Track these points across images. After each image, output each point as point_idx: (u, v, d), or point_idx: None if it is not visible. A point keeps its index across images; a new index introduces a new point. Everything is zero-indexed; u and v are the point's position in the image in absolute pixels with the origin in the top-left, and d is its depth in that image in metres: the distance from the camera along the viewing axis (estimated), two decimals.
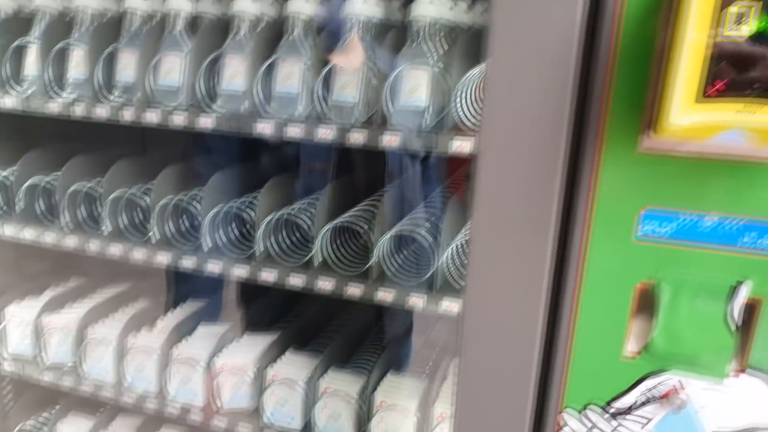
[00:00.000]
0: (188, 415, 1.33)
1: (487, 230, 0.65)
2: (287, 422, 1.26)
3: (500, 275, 0.66)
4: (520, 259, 0.65)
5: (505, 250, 0.65)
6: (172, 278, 1.55)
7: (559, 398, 0.69)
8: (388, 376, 1.25)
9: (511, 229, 0.65)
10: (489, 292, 0.67)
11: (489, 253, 0.66)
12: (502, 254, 0.65)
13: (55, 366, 1.45)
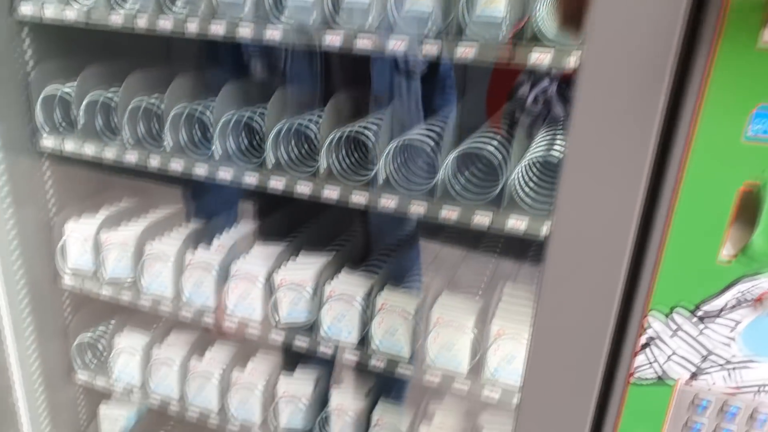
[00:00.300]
0: (246, 329, 1.38)
1: (587, 126, 0.65)
2: (344, 336, 1.30)
3: (597, 172, 0.66)
4: (618, 157, 0.65)
5: (603, 146, 0.64)
6: (225, 200, 1.57)
7: (646, 301, 0.70)
8: (443, 295, 1.27)
9: (611, 125, 0.64)
10: (584, 189, 0.67)
11: (587, 149, 0.65)
12: (600, 151, 0.65)
13: (114, 281, 1.50)
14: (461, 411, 1.40)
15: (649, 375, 0.74)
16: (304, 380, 1.46)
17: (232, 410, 1.49)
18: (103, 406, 1.80)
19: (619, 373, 0.74)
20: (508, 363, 1.17)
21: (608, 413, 0.78)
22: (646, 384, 0.74)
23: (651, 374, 0.73)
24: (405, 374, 1.26)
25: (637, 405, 0.75)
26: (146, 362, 1.57)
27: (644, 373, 0.74)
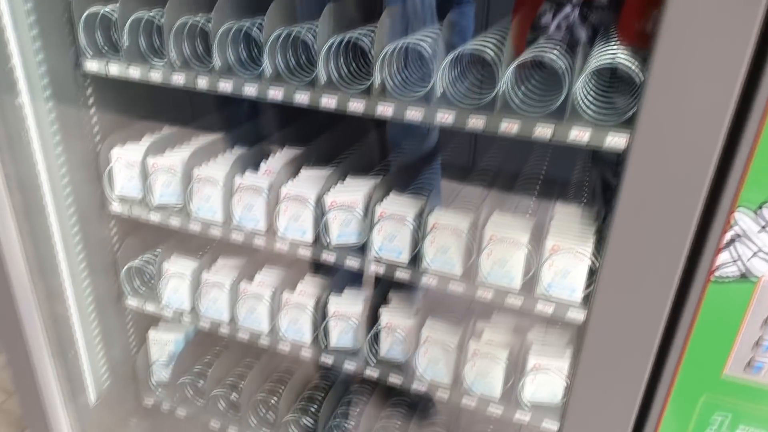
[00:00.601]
0: (297, 249, 1.40)
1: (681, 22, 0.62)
2: (395, 256, 1.32)
3: (691, 64, 0.64)
4: (716, 48, 0.62)
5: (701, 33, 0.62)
6: (269, 125, 1.56)
7: (734, 197, 0.70)
8: (496, 214, 1.27)
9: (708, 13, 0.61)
10: (675, 84, 0.65)
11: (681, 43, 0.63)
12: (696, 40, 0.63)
13: (162, 206, 1.51)
14: (509, 328, 1.43)
15: (731, 272, 0.74)
16: (354, 300, 1.49)
17: (282, 331, 1.54)
18: (152, 331, 1.86)
19: (699, 271, 0.75)
20: (563, 278, 1.18)
21: (684, 313, 0.79)
22: (727, 282, 0.75)
23: (733, 272, 0.74)
24: (456, 291, 1.28)
25: (716, 303, 0.76)
26: (196, 287, 1.61)
27: (726, 271, 0.74)
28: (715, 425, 0.83)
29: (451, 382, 1.41)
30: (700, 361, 0.79)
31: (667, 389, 0.85)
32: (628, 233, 0.77)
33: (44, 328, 1.51)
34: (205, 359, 1.92)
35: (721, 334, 0.77)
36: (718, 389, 0.81)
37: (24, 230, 1.43)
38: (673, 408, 0.85)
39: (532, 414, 1.32)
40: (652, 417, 0.87)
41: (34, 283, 1.47)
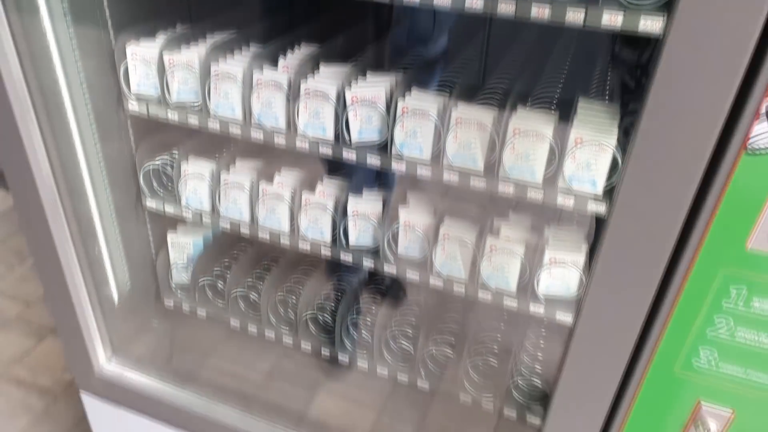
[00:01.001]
0: (317, 147, 1.40)
1: None
2: (417, 154, 1.33)
3: None
4: None
5: None
6: (283, 21, 1.53)
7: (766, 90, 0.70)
8: (519, 109, 1.27)
9: None
10: None
11: None
12: None
13: (180, 105, 1.51)
14: (526, 226, 1.46)
15: (764, 144, 0.75)
16: (373, 200, 1.51)
17: (302, 230, 1.57)
18: (171, 234, 1.90)
19: (734, 140, 0.76)
20: (585, 171, 1.20)
21: (713, 188, 0.81)
22: (759, 153, 0.76)
23: (767, 143, 0.75)
24: (478, 186, 1.30)
25: (747, 175, 0.78)
26: (215, 187, 1.63)
27: (760, 142, 0.75)
28: (732, 298, 0.87)
29: (467, 278, 1.45)
30: (724, 235, 0.82)
31: (686, 267, 0.88)
32: (661, 115, 0.78)
33: (68, 225, 1.54)
34: (223, 262, 1.97)
35: (748, 206, 0.79)
36: (740, 262, 0.84)
37: (46, 132, 1.43)
38: (693, 284, 0.88)
39: (546, 306, 1.38)
40: (671, 293, 0.91)
41: (58, 183, 1.49)
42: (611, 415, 1.06)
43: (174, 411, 1.77)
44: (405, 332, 1.76)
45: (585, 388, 1.04)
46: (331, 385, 2.15)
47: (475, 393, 1.65)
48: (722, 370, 0.92)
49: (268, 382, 2.16)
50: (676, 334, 0.93)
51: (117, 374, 1.83)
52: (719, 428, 0.97)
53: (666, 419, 1.02)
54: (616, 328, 0.96)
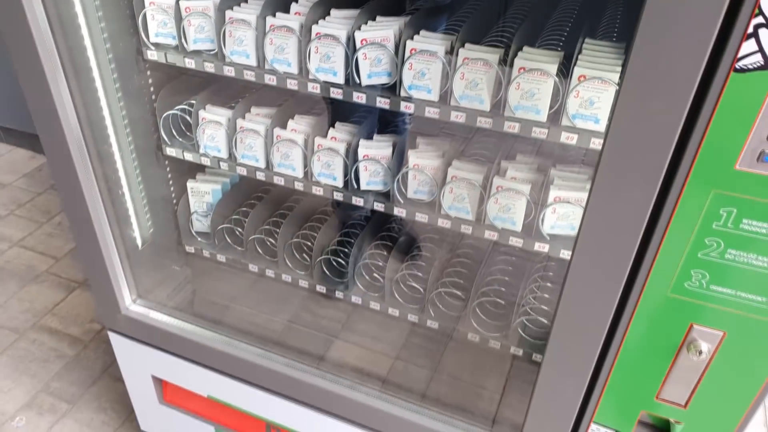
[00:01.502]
0: (329, 90, 1.44)
1: None
2: (425, 94, 1.36)
3: None
4: None
5: None
6: None
7: None
8: (524, 49, 1.29)
9: None
10: None
11: None
12: None
13: (196, 52, 1.55)
14: (532, 167, 1.50)
15: (753, 62, 0.78)
16: (383, 144, 1.56)
17: (315, 174, 1.62)
18: (190, 182, 1.97)
19: (723, 59, 0.78)
20: (588, 108, 1.22)
21: (706, 102, 0.83)
22: (749, 71, 0.78)
23: (756, 61, 0.78)
24: (484, 127, 1.34)
25: (736, 94, 0.80)
26: (232, 134, 1.68)
27: (749, 61, 0.78)
28: (722, 219, 0.90)
29: (474, 218, 1.50)
30: (714, 156, 0.85)
31: (678, 191, 0.91)
32: (652, 39, 0.80)
33: (95, 173, 1.61)
34: (241, 209, 2.05)
35: (737, 127, 0.82)
36: (729, 184, 0.87)
37: (72, 83, 1.48)
38: (684, 207, 0.92)
39: (551, 245, 1.42)
40: (663, 218, 0.94)
41: (84, 132, 1.55)
42: (607, 342, 1.11)
43: (195, 347, 1.87)
44: (415, 275, 1.82)
45: (582, 316, 1.09)
46: (350, 329, 2.24)
47: (483, 332, 1.71)
48: (713, 292, 0.97)
49: (288, 326, 2.26)
50: (669, 258, 0.97)
51: (142, 314, 1.93)
52: (711, 349, 1.01)
53: (660, 343, 1.07)
54: (611, 254, 1.00)
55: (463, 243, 2.02)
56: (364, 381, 1.72)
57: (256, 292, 2.29)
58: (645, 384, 1.12)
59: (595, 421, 1.23)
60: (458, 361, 2.16)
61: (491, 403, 2.03)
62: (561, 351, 1.17)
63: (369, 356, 2.19)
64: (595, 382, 1.17)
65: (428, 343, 2.24)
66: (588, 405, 1.22)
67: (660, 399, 1.12)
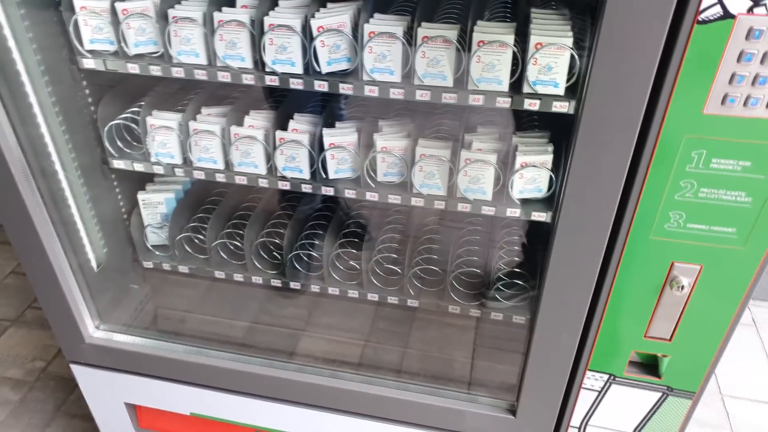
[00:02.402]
0: (288, 82, 1.42)
1: None
2: (388, 76, 1.37)
3: None
4: None
5: None
6: None
7: None
8: (479, 22, 1.33)
9: None
10: None
11: None
12: None
13: (139, 57, 1.48)
14: (494, 137, 1.54)
15: (714, 13, 0.85)
16: (347, 130, 1.56)
17: (280, 169, 1.60)
18: (140, 193, 1.88)
19: (687, 13, 0.85)
20: (546, 73, 1.28)
21: (673, 57, 0.90)
22: (710, 22, 0.85)
23: (716, 13, 0.84)
24: (448, 103, 1.36)
25: (700, 44, 0.87)
26: (185, 137, 1.62)
27: (709, 13, 0.85)
28: (694, 161, 0.98)
29: (446, 193, 1.54)
30: (684, 103, 0.92)
31: (654, 140, 0.98)
32: None
33: (39, 190, 1.51)
34: (197, 216, 1.98)
35: (702, 74, 0.89)
36: (699, 128, 0.95)
37: (7, 100, 1.39)
38: (660, 155, 0.99)
39: (522, 209, 1.48)
40: (642, 167, 1.01)
41: (25, 152, 1.45)
42: (597, 291, 1.18)
43: (169, 364, 1.81)
44: (389, 257, 1.84)
45: (572, 269, 1.15)
46: (315, 323, 2.24)
47: (462, 303, 1.76)
48: (690, 230, 1.05)
49: (255, 327, 2.24)
50: (649, 204, 1.04)
51: (106, 339, 1.84)
52: (690, 282, 1.10)
53: (645, 284, 1.15)
54: (595, 207, 1.07)
55: (424, 216, 2.06)
56: (341, 368, 1.74)
57: (216, 299, 2.25)
58: (633, 325, 1.20)
59: (589, 368, 1.31)
60: (425, 336, 2.22)
61: (464, 368, 2.11)
62: (554, 305, 1.23)
63: (339, 346, 2.20)
64: (588, 330, 1.24)
65: (393, 326, 2.28)
66: (582, 354, 1.29)
67: (648, 337, 1.21)
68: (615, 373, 1.29)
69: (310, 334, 2.22)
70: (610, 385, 1.32)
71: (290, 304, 2.32)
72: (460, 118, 1.76)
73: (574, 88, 1.28)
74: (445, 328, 2.24)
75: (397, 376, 1.82)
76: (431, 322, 2.28)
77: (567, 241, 1.13)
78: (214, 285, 2.24)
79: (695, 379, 1.22)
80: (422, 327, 2.28)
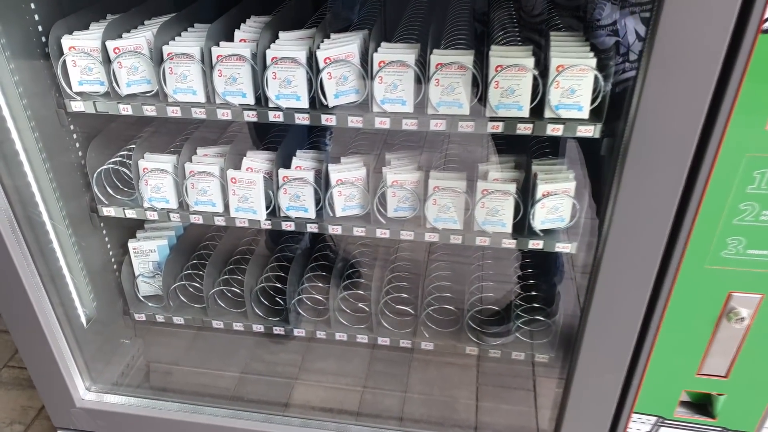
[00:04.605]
0: (293, 117, 1.34)
1: None
2: (400, 106, 1.30)
3: None
4: None
5: None
6: None
7: None
8: (494, 46, 1.27)
9: None
10: None
11: None
12: None
13: (131, 96, 1.39)
14: (510, 166, 1.47)
15: None
16: (354, 165, 1.47)
17: (284, 209, 1.50)
18: (131, 242, 1.76)
19: (750, 21, 0.78)
20: (569, 96, 1.21)
21: (735, 69, 0.83)
22: None
23: None
24: (466, 130, 1.29)
25: (765, 55, 0.81)
26: (181, 180, 1.52)
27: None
28: (756, 181, 0.90)
29: (462, 227, 1.45)
30: (745, 120, 0.85)
31: (712, 159, 0.90)
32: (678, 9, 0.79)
33: (27, 244, 1.40)
34: (192, 263, 1.86)
35: (766, 88, 0.83)
36: (761, 145, 0.87)
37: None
38: (718, 175, 0.91)
39: (544, 240, 1.40)
40: (697, 188, 0.93)
41: (9, 199, 1.34)
42: (644, 325, 1.09)
43: (163, 425, 1.66)
44: (399, 297, 1.74)
45: (618, 302, 1.06)
46: (308, 369, 2.12)
47: (482, 343, 1.66)
48: (750, 257, 0.97)
49: (252, 378, 2.11)
50: (704, 229, 0.96)
51: (98, 402, 1.69)
52: (750, 313, 1.02)
53: (699, 317, 1.06)
54: (644, 235, 0.99)
55: (399, 254, 1.97)
56: (342, 418, 1.61)
57: (205, 347, 2.12)
58: (685, 361, 1.11)
59: (635, 411, 1.20)
60: (425, 377, 2.11)
61: (468, 411, 2.00)
62: (597, 343, 1.13)
63: (337, 393, 2.07)
64: (634, 368, 1.15)
65: (391, 368, 2.17)
66: (627, 395, 1.19)
67: (701, 374, 1.12)
68: (664, 415, 1.19)
69: (305, 381, 2.09)
70: (658, 428, 1.22)
71: (282, 349, 2.20)
72: (466, 147, 1.69)
73: (597, 112, 1.22)
74: (446, 366, 2.14)
75: (400, 424, 1.69)
76: (430, 359, 2.17)
77: (612, 273, 1.04)
78: (201, 334, 2.12)
79: (753, 418, 1.13)
80: (421, 367, 2.17)
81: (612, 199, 0.97)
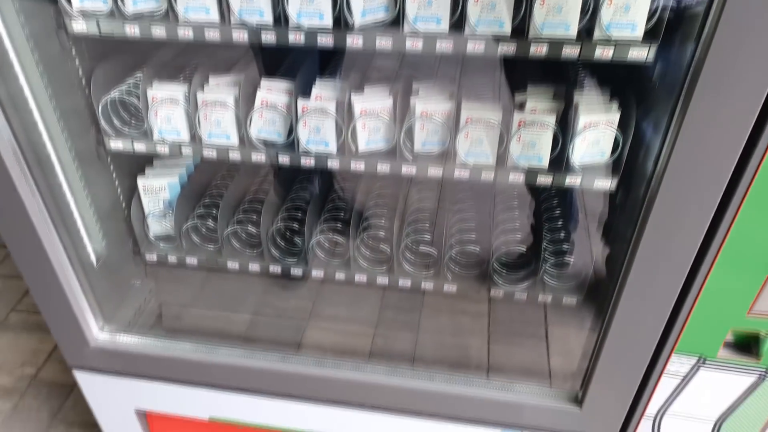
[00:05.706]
0: (316, 38, 1.23)
1: None
2: (434, 25, 1.19)
3: None
4: None
5: None
6: None
7: None
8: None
9: None
10: None
11: None
12: None
13: (138, 14, 1.28)
14: (548, 95, 1.37)
15: None
16: (380, 95, 1.37)
17: (303, 143, 1.41)
18: (140, 178, 1.68)
19: None
20: (624, 14, 1.11)
21: None
22: None
23: None
24: (507, 52, 1.18)
25: None
26: (194, 111, 1.42)
27: None
28: None
29: (494, 162, 1.36)
30: None
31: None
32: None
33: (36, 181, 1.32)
34: (204, 202, 1.78)
35: None
36: None
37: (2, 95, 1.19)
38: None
39: (583, 176, 1.32)
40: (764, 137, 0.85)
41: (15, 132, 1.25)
42: (697, 259, 1.02)
43: (179, 365, 1.62)
44: (420, 239, 1.67)
45: (673, 232, 0.98)
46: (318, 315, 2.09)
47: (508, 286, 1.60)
48: None
49: (267, 320, 2.08)
50: None
51: (112, 342, 1.64)
52: None
53: (758, 251, 0.99)
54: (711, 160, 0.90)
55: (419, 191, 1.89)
56: (356, 361, 1.58)
57: (217, 289, 2.07)
58: (737, 299, 1.04)
59: (676, 351, 1.15)
60: (436, 324, 2.08)
61: (480, 355, 1.98)
62: (642, 281, 1.07)
63: (348, 338, 2.05)
64: (681, 306, 1.09)
65: (402, 314, 2.13)
66: (669, 334, 1.14)
67: (752, 313, 1.06)
68: (706, 355, 1.14)
69: (316, 326, 2.07)
70: (697, 369, 1.17)
71: (292, 296, 2.16)
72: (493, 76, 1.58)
73: (653, 32, 1.11)
74: (458, 306, 2.12)
75: (412, 365, 1.67)
76: (441, 302, 2.14)
77: (668, 207, 0.97)
78: (209, 279, 2.07)
79: None
80: (431, 313, 2.14)
81: (675, 127, 0.88)
